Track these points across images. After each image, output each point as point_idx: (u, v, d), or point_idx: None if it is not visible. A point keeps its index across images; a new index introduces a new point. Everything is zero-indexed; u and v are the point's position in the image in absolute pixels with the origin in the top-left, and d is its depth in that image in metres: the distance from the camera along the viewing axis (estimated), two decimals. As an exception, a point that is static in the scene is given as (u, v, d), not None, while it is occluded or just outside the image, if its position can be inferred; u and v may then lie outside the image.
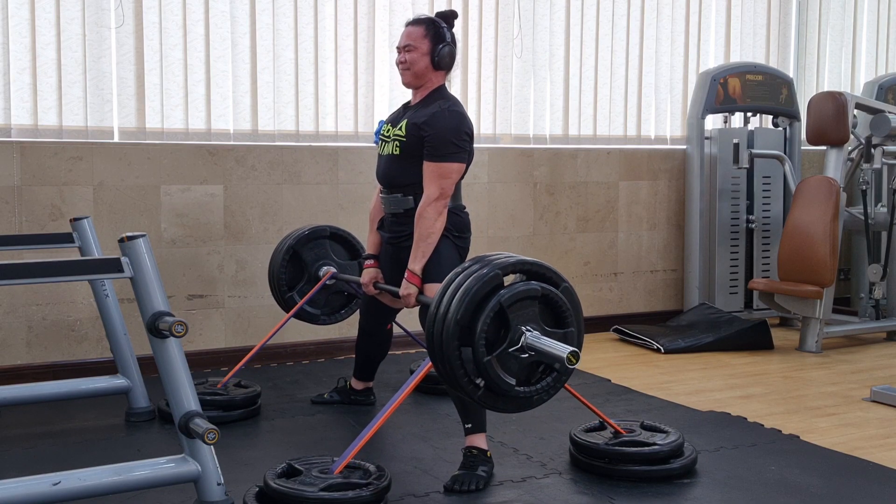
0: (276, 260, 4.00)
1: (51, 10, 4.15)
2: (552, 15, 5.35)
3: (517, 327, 2.46)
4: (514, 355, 2.46)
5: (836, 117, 5.04)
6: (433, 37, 3.23)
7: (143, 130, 4.38)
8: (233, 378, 3.73)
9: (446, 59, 3.23)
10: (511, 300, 2.45)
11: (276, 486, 2.54)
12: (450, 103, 3.20)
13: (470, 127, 3.19)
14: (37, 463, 3.02)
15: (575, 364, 2.39)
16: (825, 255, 4.90)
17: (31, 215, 4.10)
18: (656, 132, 5.73)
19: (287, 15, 4.63)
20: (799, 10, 6.20)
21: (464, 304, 2.44)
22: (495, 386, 2.46)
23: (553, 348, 2.41)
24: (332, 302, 4.06)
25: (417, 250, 3.13)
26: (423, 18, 3.30)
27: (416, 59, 3.22)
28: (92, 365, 4.15)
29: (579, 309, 2.60)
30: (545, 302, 2.52)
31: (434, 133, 3.12)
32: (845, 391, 4.14)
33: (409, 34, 3.26)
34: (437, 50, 3.21)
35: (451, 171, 3.11)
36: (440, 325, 2.48)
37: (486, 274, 2.47)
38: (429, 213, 3.11)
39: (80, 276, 2.79)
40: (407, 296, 3.16)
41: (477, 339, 2.43)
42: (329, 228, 4.05)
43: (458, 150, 3.12)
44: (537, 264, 2.56)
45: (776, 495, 2.82)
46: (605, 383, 4.25)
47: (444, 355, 2.47)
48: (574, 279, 5.42)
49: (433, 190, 3.11)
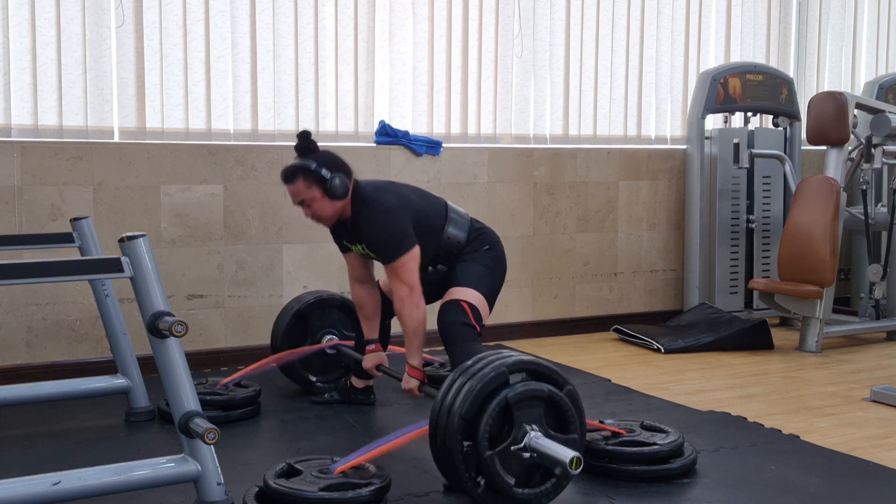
0: (282, 320, 3.96)
1: (51, 10, 4.15)
2: (552, 15, 5.35)
3: (521, 426, 2.49)
4: (515, 454, 2.50)
5: (836, 117, 5.04)
6: (316, 181, 3.23)
7: (143, 130, 4.38)
8: (232, 380, 3.72)
9: (341, 188, 3.24)
10: (518, 398, 2.49)
11: (276, 485, 2.54)
12: (367, 205, 3.26)
13: (397, 206, 3.25)
14: (37, 463, 3.01)
15: (577, 471, 2.42)
16: (825, 255, 4.90)
17: (31, 215, 4.10)
18: (656, 132, 5.73)
19: (287, 15, 4.63)
20: (799, 10, 6.20)
21: (469, 399, 2.48)
22: (495, 483, 2.49)
23: (556, 451, 2.45)
24: (327, 373, 3.98)
25: (411, 345, 3.30)
26: (292, 171, 3.26)
27: (318, 208, 3.27)
28: (92, 365, 4.15)
29: (583, 413, 2.65)
30: (551, 404, 2.56)
31: (373, 244, 3.29)
32: (845, 391, 4.14)
33: (295, 192, 3.28)
34: (328, 188, 3.22)
35: (406, 263, 3.24)
36: (444, 419, 2.52)
37: (493, 372, 2.51)
38: (407, 310, 3.26)
39: (80, 276, 2.79)
40: (410, 389, 3.32)
41: (481, 434, 2.46)
42: (340, 298, 4.00)
43: (400, 243, 3.23)
44: (543, 366, 2.60)
45: (776, 495, 2.82)
46: (605, 383, 4.25)
47: (446, 448, 2.51)
48: (574, 279, 5.43)
49: (401, 288, 3.25)
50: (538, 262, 5.31)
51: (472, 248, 3.43)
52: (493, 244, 3.48)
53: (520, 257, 5.23)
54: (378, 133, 4.86)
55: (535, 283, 5.31)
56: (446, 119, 5.07)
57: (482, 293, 3.35)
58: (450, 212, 3.45)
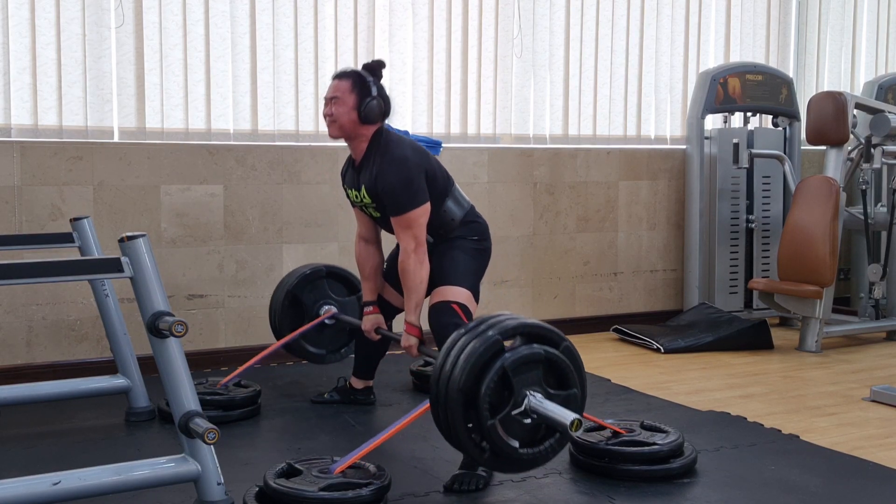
0: (277, 305, 3.98)
1: (51, 10, 4.15)
2: (552, 15, 5.35)
3: (521, 391, 2.48)
4: (517, 419, 2.49)
5: (835, 117, 5.04)
6: (360, 91, 3.25)
7: (143, 130, 4.38)
8: (232, 378, 3.73)
9: (374, 113, 3.25)
10: (515, 364, 2.48)
11: (276, 485, 2.54)
12: (389, 151, 3.24)
13: (417, 162, 3.23)
14: (37, 463, 3.02)
15: (578, 431, 2.42)
16: (825, 254, 4.90)
17: (31, 215, 4.10)
18: (656, 132, 5.74)
19: (287, 15, 4.63)
20: (799, 10, 6.20)
21: (466, 370, 2.46)
22: (500, 448, 2.48)
23: (556, 414, 2.44)
24: (336, 340, 4.03)
25: (410, 302, 3.27)
26: (350, 72, 3.31)
27: (342, 112, 3.26)
28: (92, 365, 4.15)
29: (581, 368, 2.64)
30: (548, 364, 2.55)
31: (385, 193, 3.23)
32: (845, 391, 4.14)
33: (336, 87, 3.29)
34: (363, 104, 3.23)
35: (416, 218, 3.22)
36: (444, 387, 2.51)
37: (487, 342, 2.49)
38: (410, 265, 3.23)
39: (80, 275, 2.79)
40: (408, 347, 3.30)
41: (481, 404, 2.45)
42: (326, 268, 4.02)
43: (413, 195, 3.21)
44: (538, 326, 2.58)
45: (776, 495, 2.82)
46: (605, 383, 4.25)
47: (448, 421, 2.50)
48: (574, 279, 5.43)
49: (407, 241, 3.23)
50: (538, 261, 5.31)
51: (461, 231, 3.41)
52: (483, 236, 3.46)
53: (520, 257, 5.23)
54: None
55: (535, 282, 5.31)
56: (446, 119, 5.07)
57: (468, 289, 3.34)
58: (455, 189, 3.44)
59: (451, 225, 3.42)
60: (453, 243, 3.41)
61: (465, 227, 3.39)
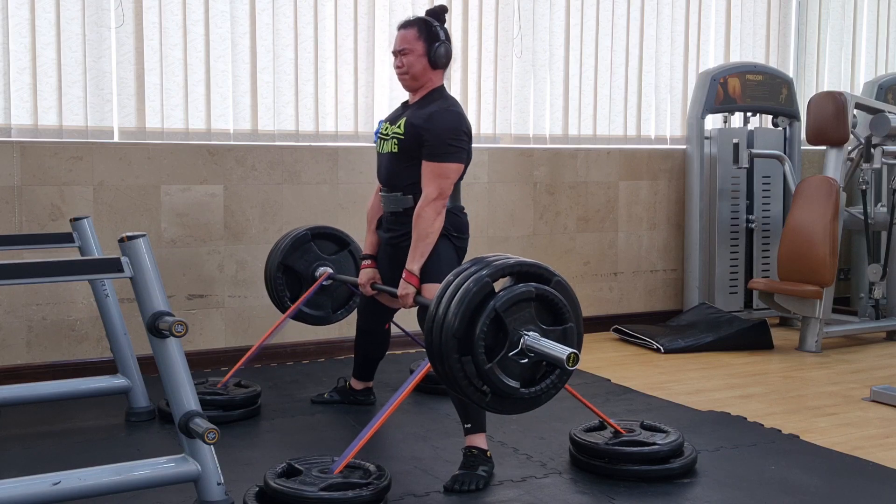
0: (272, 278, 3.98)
1: (51, 10, 4.15)
2: (552, 15, 5.35)
3: (515, 331, 2.45)
4: (514, 359, 2.46)
5: (835, 117, 5.04)
6: (427, 37, 3.23)
7: (143, 130, 4.38)
8: (233, 378, 3.73)
9: (443, 58, 3.24)
10: (506, 304, 2.44)
11: (276, 485, 2.54)
12: (448, 103, 3.20)
13: (468, 127, 3.18)
14: (37, 463, 3.02)
15: (575, 365, 2.39)
16: (825, 254, 4.90)
17: (31, 215, 4.10)
18: (656, 132, 5.73)
19: (287, 15, 4.63)
20: (799, 10, 6.20)
21: (458, 315, 2.43)
22: (500, 391, 2.46)
23: (552, 350, 2.41)
24: (336, 299, 4.06)
25: (416, 250, 3.13)
26: (415, 20, 3.30)
27: (413, 61, 3.22)
28: (92, 365, 4.15)
29: (575, 301, 2.60)
30: (540, 301, 2.51)
31: (432, 133, 3.12)
32: (845, 391, 4.14)
33: (404, 37, 3.25)
34: (433, 49, 3.21)
35: (449, 171, 3.11)
36: (438, 335, 2.48)
37: (475, 285, 2.46)
38: (427, 213, 3.10)
39: (80, 276, 2.79)
40: (405, 296, 3.14)
41: (476, 349, 2.42)
42: (310, 232, 4.02)
43: (457, 150, 3.12)
44: (526, 264, 2.54)
45: (776, 495, 2.82)
46: (605, 383, 4.25)
47: (446, 367, 2.48)
48: (574, 279, 5.42)
49: (432, 189, 3.10)
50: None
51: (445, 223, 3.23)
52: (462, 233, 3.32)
53: (520, 257, 5.22)
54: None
55: (535, 283, 5.31)
56: (446, 119, 5.07)
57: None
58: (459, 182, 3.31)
59: None
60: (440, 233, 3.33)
61: (449, 219, 3.25)
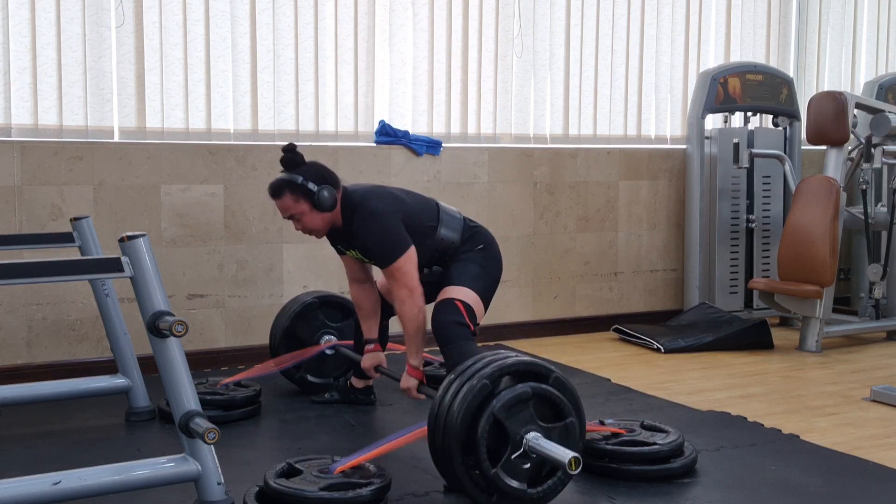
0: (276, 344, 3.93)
1: (51, 10, 4.15)
2: (552, 15, 5.35)
3: (516, 433, 2.49)
4: (517, 462, 2.50)
5: (836, 117, 5.04)
6: (303, 194, 3.24)
7: (144, 130, 4.38)
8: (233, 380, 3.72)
9: (329, 200, 3.24)
10: (503, 409, 2.48)
11: (276, 485, 2.54)
12: (358, 211, 3.25)
13: (388, 210, 3.24)
14: (37, 463, 3.02)
15: (577, 469, 2.42)
16: (825, 254, 4.90)
17: (31, 215, 4.10)
18: (656, 132, 5.73)
19: (287, 15, 4.63)
20: (799, 9, 6.20)
21: (457, 423, 2.48)
22: (508, 495, 2.50)
23: (554, 454, 2.44)
24: (339, 368, 3.99)
25: (411, 347, 3.29)
26: (279, 186, 3.28)
27: (309, 221, 3.28)
28: (92, 365, 4.15)
29: (574, 394, 2.63)
30: (539, 399, 2.55)
31: (369, 248, 3.27)
32: (845, 391, 4.14)
33: (284, 206, 3.29)
34: (316, 201, 3.23)
35: (402, 266, 3.23)
36: (441, 440, 2.52)
37: (473, 391, 2.50)
38: (408, 312, 3.25)
39: (80, 275, 2.79)
40: (407, 389, 3.32)
41: (480, 455, 2.46)
42: (318, 300, 3.96)
43: (394, 245, 3.22)
44: (523, 363, 2.58)
45: (776, 495, 2.82)
46: (605, 383, 4.25)
47: (455, 475, 2.52)
48: (574, 279, 5.43)
49: (400, 291, 3.24)
50: (538, 261, 5.31)
51: (466, 247, 3.40)
52: (488, 243, 3.45)
53: (520, 257, 5.23)
54: (378, 133, 4.86)
55: (536, 282, 5.31)
56: (446, 119, 5.07)
57: (476, 292, 3.32)
58: (441, 213, 3.42)
59: (453, 248, 3.40)
60: (461, 257, 3.40)
61: (469, 242, 3.39)
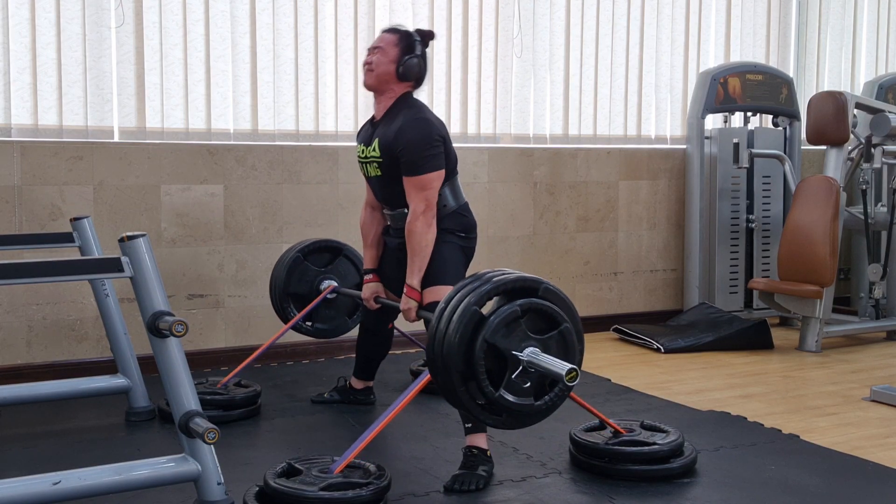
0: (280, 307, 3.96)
1: (51, 10, 4.15)
2: (552, 15, 5.35)
3: (512, 353, 2.48)
4: (519, 380, 2.49)
5: (836, 117, 5.04)
6: (404, 47, 3.26)
7: (143, 130, 4.38)
8: (233, 377, 3.73)
9: (412, 71, 3.26)
10: (495, 332, 2.46)
11: (276, 485, 2.54)
12: (413, 111, 3.22)
13: (440, 131, 3.21)
14: (37, 462, 3.02)
15: (575, 381, 2.41)
16: (825, 254, 4.90)
17: (31, 215, 4.10)
18: (656, 132, 5.74)
19: (287, 15, 4.63)
20: (799, 10, 6.20)
21: (453, 350, 2.46)
22: (517, 412, 2.50)
23: (552, 366, 2.43)
24: (343, 310, 4.03)
25: (413, 265, 3.20)
26: (401, 29, 3.34)
27: (382, 62, 3.27)
28: (92, 365, 4.15)
29: (566, 301, 2.61)
30: (531, 314, 2.53)
31: (405, 148, 3.17)
32: (845, 391, 4.14)
33: (383, 38, 3.32)
34: (403, 59, 3.24)
35: (430, 182, 3.16)
36: (442, 371, 2.51)
37: (463, 319, 2.48)
38: (418, 228, 3.16)
39: (80, 275, 2.79)
40: (407, 310, 3.21)
41: (480, 382, 2.45)
42: (300, 252, 3.98)
43: (433, 159, 3.16)
44: (511, 280, 2.55)
45: (776, 495, 2.82)
46: (605, 383, 4.25)
47: (458, 402, 2.52)
48: (574, 279, 5.43)
49: (417, 204, 3.16)
50: (538, 261, 5.31)
51: (450, 224, 3.30)
52: (470, 233, 3.36)
53: (520, 257, 5.23)
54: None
55: (535, 282, 5.30)
56: (446, 119, 5.07)
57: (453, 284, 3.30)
58: (456, 179, 3.36)
59: (442, 212, 3.33)
60: (442, 237, 3.33)
61: (455, 219, 3.29)
